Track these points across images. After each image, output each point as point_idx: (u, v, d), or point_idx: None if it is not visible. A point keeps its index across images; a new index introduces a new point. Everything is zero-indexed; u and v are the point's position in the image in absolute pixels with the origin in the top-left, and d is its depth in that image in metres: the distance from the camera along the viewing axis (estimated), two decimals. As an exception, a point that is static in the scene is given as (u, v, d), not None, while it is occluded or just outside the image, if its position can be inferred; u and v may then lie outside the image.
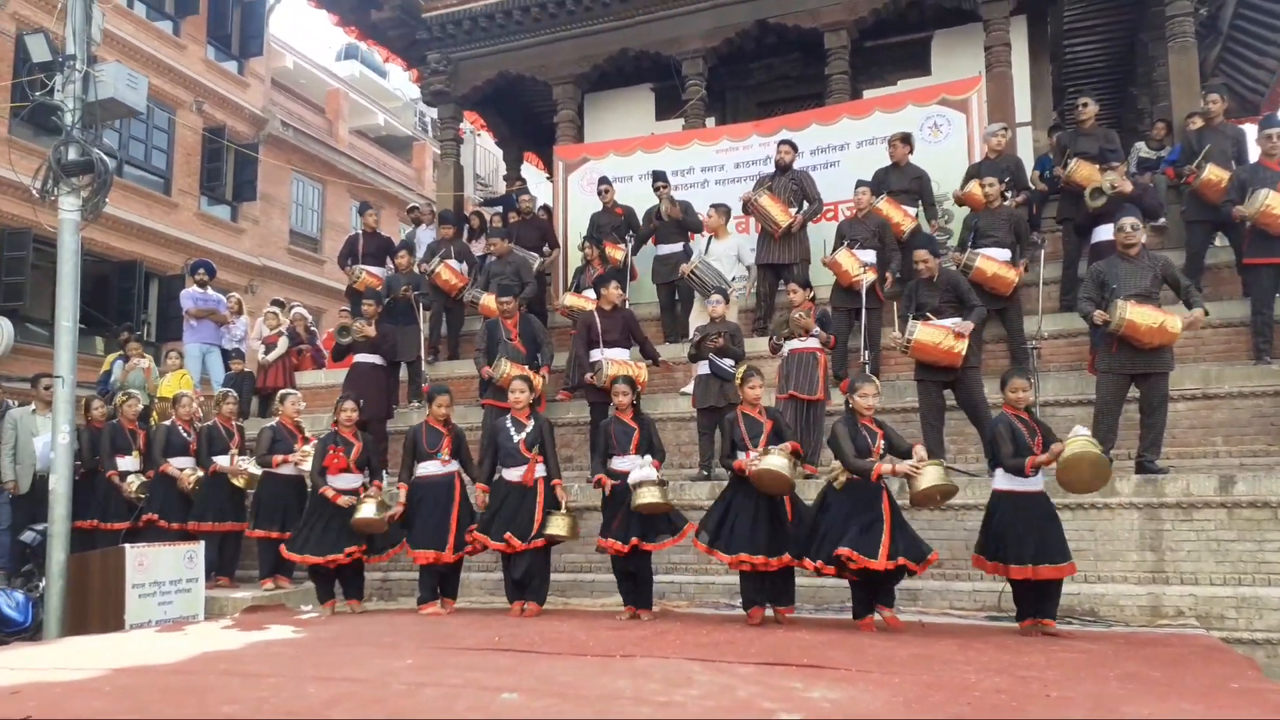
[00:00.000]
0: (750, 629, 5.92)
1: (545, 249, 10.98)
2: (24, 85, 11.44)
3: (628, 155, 11.25)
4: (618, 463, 6.61)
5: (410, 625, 6.41)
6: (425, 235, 12.68)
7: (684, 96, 11.35)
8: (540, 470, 6.85)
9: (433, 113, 21.07)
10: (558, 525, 6.62)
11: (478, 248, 11.46)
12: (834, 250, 8.45)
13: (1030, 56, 10.85)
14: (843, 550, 5.62)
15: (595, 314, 8.49)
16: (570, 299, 9.42)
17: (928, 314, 7.14)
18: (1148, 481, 6.45)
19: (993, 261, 7.71)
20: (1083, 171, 8.22)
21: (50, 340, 8.51)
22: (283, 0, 16.67)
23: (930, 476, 5.70)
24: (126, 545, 7.12)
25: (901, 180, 9.02)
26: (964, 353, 6.93)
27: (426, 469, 7.10)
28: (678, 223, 9.77)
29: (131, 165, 17.04)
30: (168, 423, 8.79)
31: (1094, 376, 7.02)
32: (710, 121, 11.63)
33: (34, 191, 7.60)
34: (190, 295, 11.25)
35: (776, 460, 5.92)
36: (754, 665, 4.65)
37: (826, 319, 7.84)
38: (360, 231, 11.57)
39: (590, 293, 9.16)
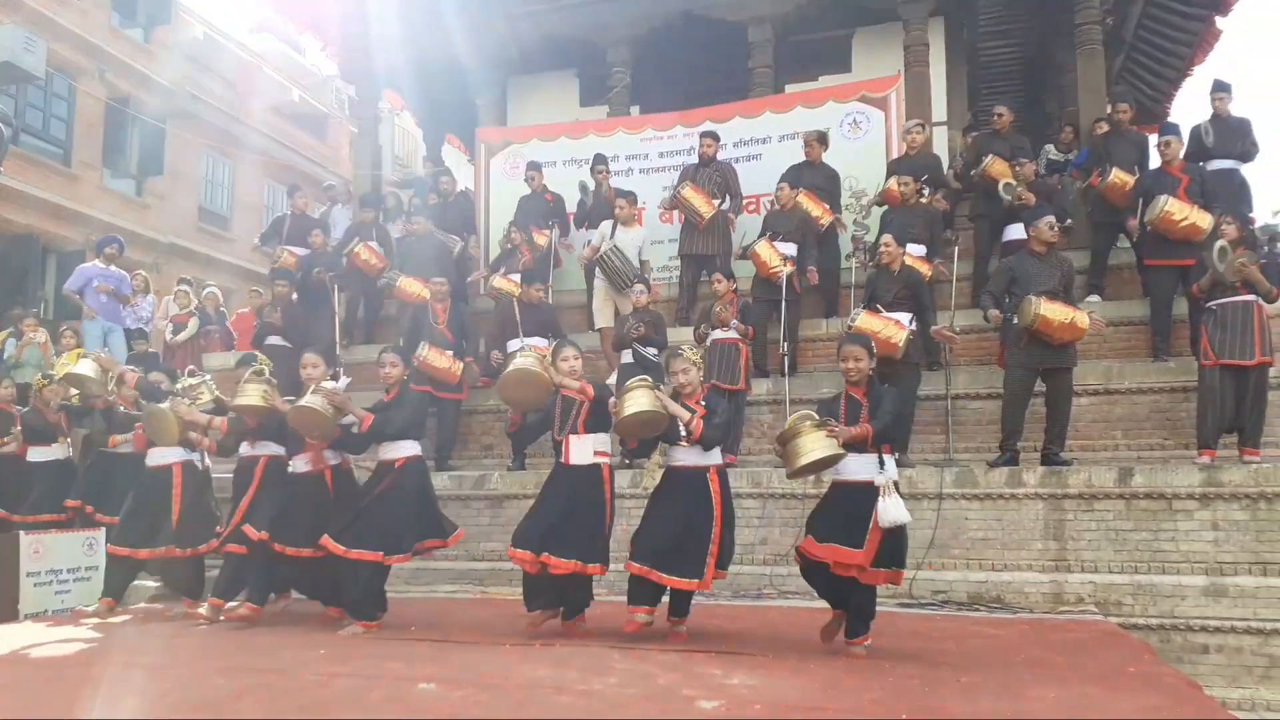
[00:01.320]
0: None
1: (465, 233, 10.82)
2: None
3: (551, 140, 11.15)
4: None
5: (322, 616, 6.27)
6: (341, 215, 12.38)
7: (609, 84, 11.30)
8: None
9: (350, 90, 20.59)
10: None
11: (394, 230, 11.23)
12: (754, 242, 8.53)
13: (947, 58, 11.09)
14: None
15: (515, 304, 8.41)
16: (499, 281, 9.30)
17: (878, 305, 7.22)
18: (1052, 473, 6.68)
19: (907, 256, 7.87)
20: (997, 167, 8.52)
21: (-63, 316, 8.06)
22: (193, -32, 15.92)
23: (634, 402, 5.02)
24: (21, 532, 6.79)
25: (815, 178, 9.14)
26: (901, 344, 6.95)
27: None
28: (611, 208, 9.72)
29: (29, 135, 16.18)
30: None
31: (1003, 370, 7.24)
32: (634, 110, 11.60)
33: (-81, 158, 7.15)
34: (92, 270, 10.75)
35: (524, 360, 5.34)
36: (673, 653, 4.68)
37: (747, 310, 7.90)
38: (288, 213, 11.25)
39: (518, 276, 9.08)
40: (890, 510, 4.56)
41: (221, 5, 40.24)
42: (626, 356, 7.94)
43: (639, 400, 4.99)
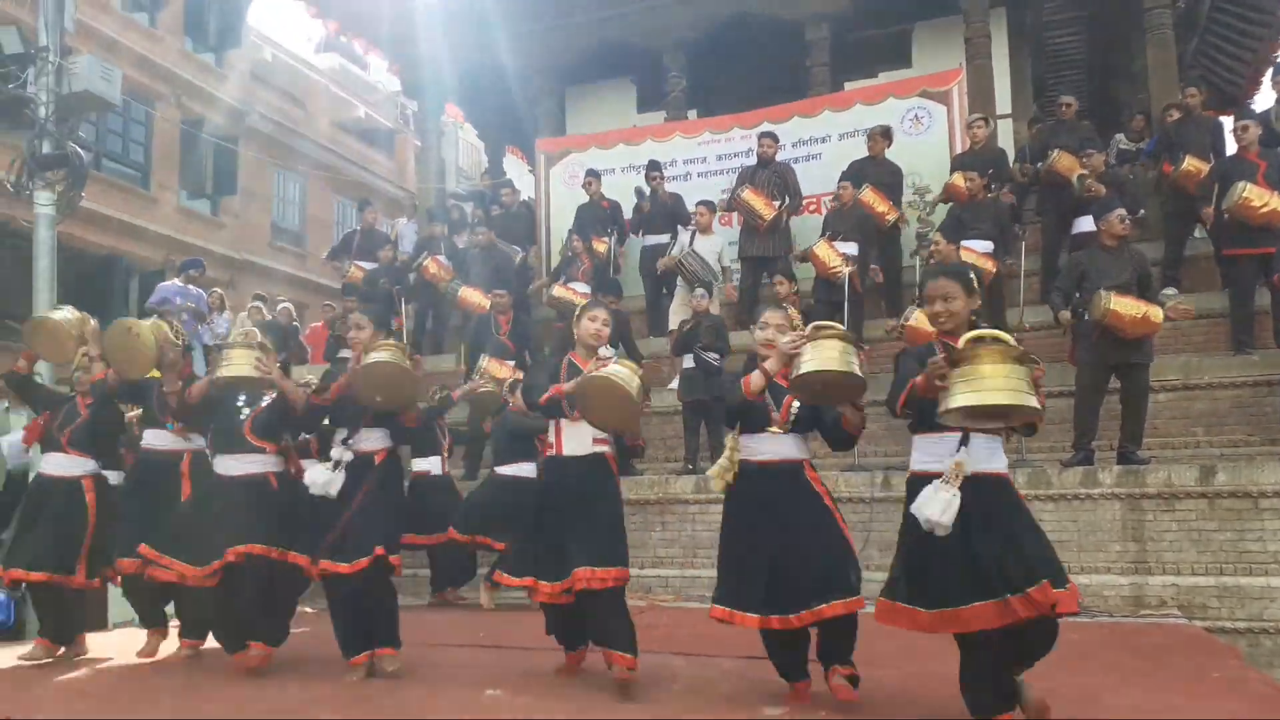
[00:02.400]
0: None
1: (527, 243, 10.95)
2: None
3: (609, 148, 11.20)
4: None
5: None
6: (407, 229, 12.62)
7: (665, 89, 11.32)
8: None
9: (414, 105, 21.00)
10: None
11: (459, 241, 11.41)
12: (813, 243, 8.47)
13: (1010, 49, 10.88)
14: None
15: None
16: (559, 291, 9.38)
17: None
18: (1129, 472, 6.48)
19: (972, 253, 7.72)
20: (1064, 162, 8.28)
21: (28, 337, 8.39)
22: (261, -8, 16.41)
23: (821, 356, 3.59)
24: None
25: (879, 174, 9.03)
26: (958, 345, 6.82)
27: None
28: (668, 213, 9.75)
29: (109, 159, 16.84)
30: None
31: (1075, 367, 7.05)
32: (692, 114, 11.60)
33: (7, 186, 7.49)
34: (170, 289, 11.11)
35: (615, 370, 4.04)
36: (739, 659, 4.65)
37: (809, 312, 7.81)
38: (358, 228, 11.53)
39: (579, 285, 9.15)
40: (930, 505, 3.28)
41: (288, 26, 41.32)
42: (688, 362, 7.93)
43: (829, 354, 3.56)
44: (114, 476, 5.40)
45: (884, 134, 9.14)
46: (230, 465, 4.66)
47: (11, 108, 7.20)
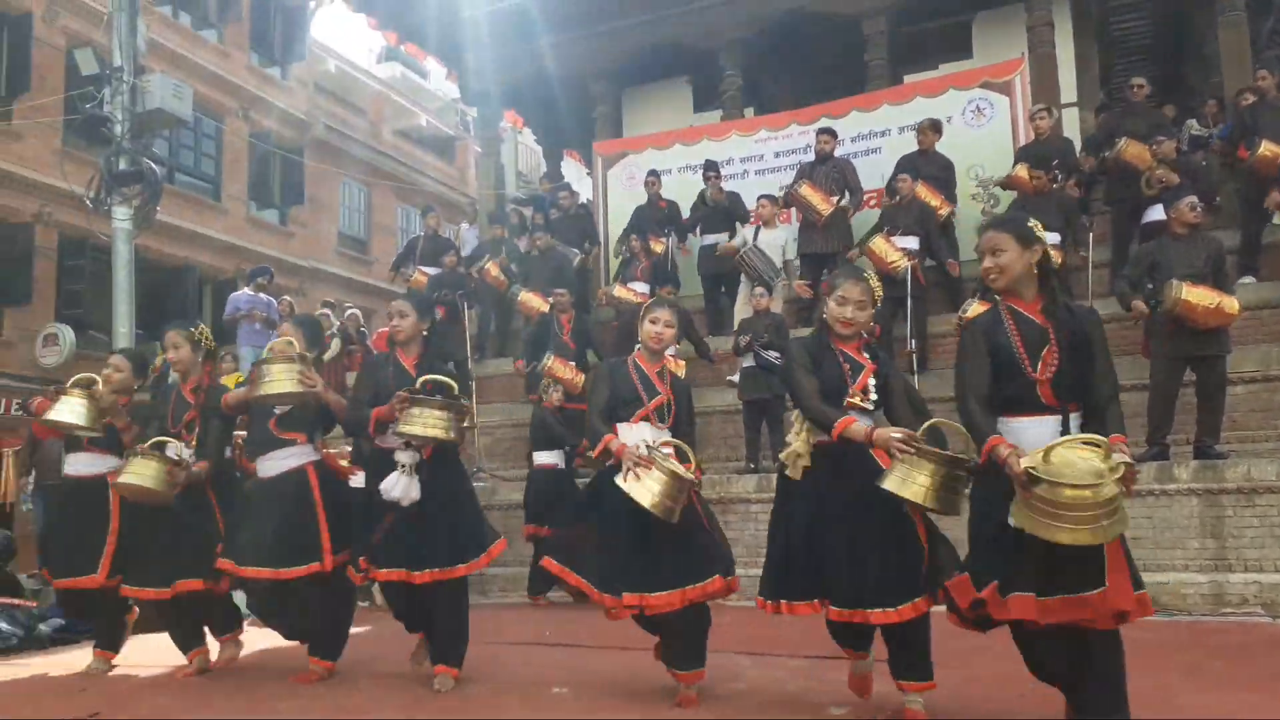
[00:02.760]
0: (802, 621, 5.85)
1: (586, 245, 11.03)
2: (74, 97, 11.82)
3: (665, 149, 11.23)
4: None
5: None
6: (469, 234, 12.79)
7: (721, 88, 11.30)
8: None
9: (474, 111, 21.28)
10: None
11: (519, 245, 11.54)
12: (869, 236, 8.38)
13: (1075, 35, 10.62)
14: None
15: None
16: (619, 291, 9.44)
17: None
18: (1207, 467, 6.29)
19: (1040, 246, 7.55)
20: (1132, 150, 8.04)
21: (110, 346, 8.72)
22: (323, 5, 16.80)
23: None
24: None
25: (930, 168, 8.89)
26: None
27: None
28: (725, 212, 9.75)
29: (182, 173, 17.39)
30: None
31: (1149, 360, 6.86)
32: (749, 112, 11.57)
33: (87, 202, 7.79)
34: (241, 298, 11.46)
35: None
36: (805, 659, 4.63)
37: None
38: (421, 234, 11.75)
39: (638, 285, 9.20)
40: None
41: (350, 37, 42.13)
42: (748, 360, 7.91)
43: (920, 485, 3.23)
44: None
45: (933, 127, 9.01)
46: (266, 467, 4.57)
47: (90, 126, 7.47)
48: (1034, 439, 2.95)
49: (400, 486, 4.11)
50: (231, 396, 4.69)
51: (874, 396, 3.54)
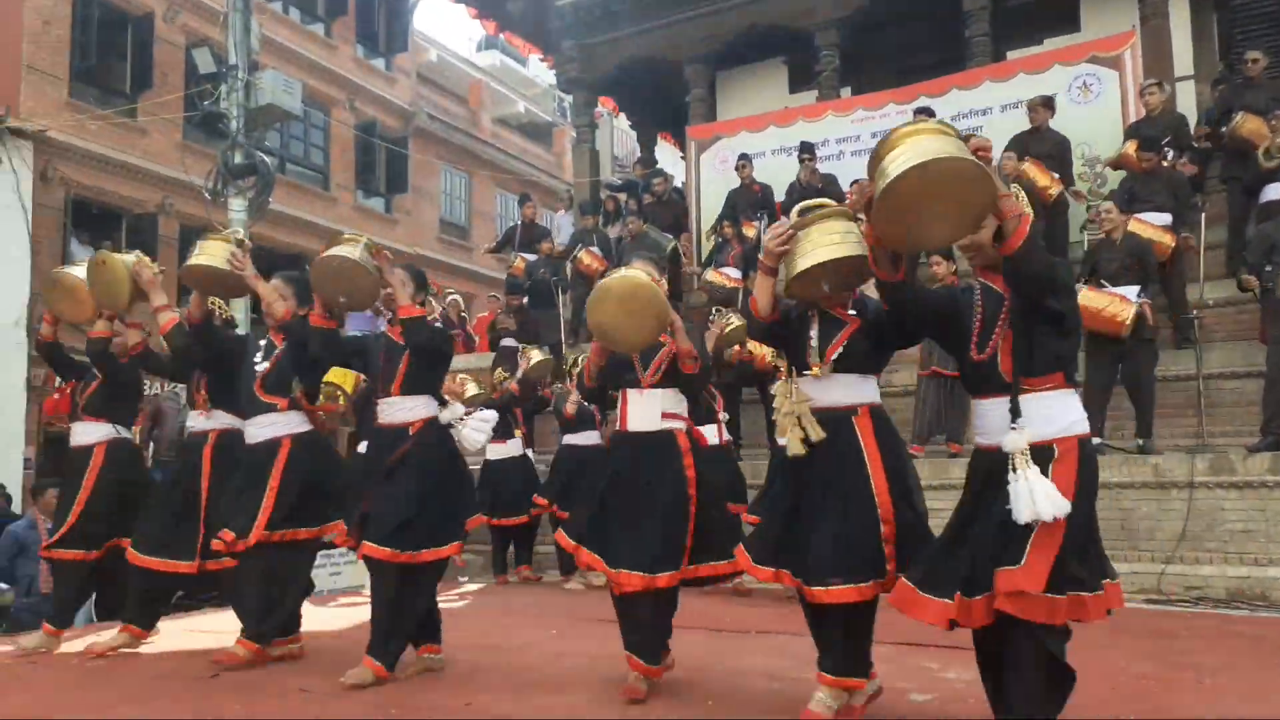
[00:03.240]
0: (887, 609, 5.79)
1: (679, 231, 11.07)
2: (193, 94, 12.49)
3: (760, 131, 11.16)
4: None
5: (552, 597, 6.64)
6: (565, 221, 13.00)
7: (817, 68, 11.14)
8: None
9: (570, 98, 21.54)
10: None
11: (613, 232, 11.66)
12: None
13: (1191, 5, 10.11)
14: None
15: (740, 295, 8.48)
16: (712, 275, 9.47)
17: (1103, 280, 6.77)
18: (1326, 458, 5.99)
19: (1147, 226, 7.27)
20: (1250, 125, 7.64)
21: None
22: (425, -3, 17.22)
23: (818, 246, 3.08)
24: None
25: (1042, 146, 8.59)
26: (1128, 322, 6.48)
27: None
28: (819, 194, 9.65)
29: (293, 164, 18.09)
30: None
31: (1265, 346, 6.55)
32: (845, 92, 11.38)
33: (205, 194, 8.22)
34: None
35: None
36: (889, 645, 4.61)
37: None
38: (519, 222, 12.01)
39: (731, 270, 9.21)
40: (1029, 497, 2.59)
41: (450, 27, 42.88)
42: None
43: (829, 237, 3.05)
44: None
45: (1045, 104, 8.71)
46: (250, 432, 4.39)
47: (207, 122, 7.86)
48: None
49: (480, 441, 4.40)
50: (192, 303, 4.56)
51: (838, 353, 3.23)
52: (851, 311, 3.28)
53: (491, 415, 4.88)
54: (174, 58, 15.37)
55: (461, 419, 4.30)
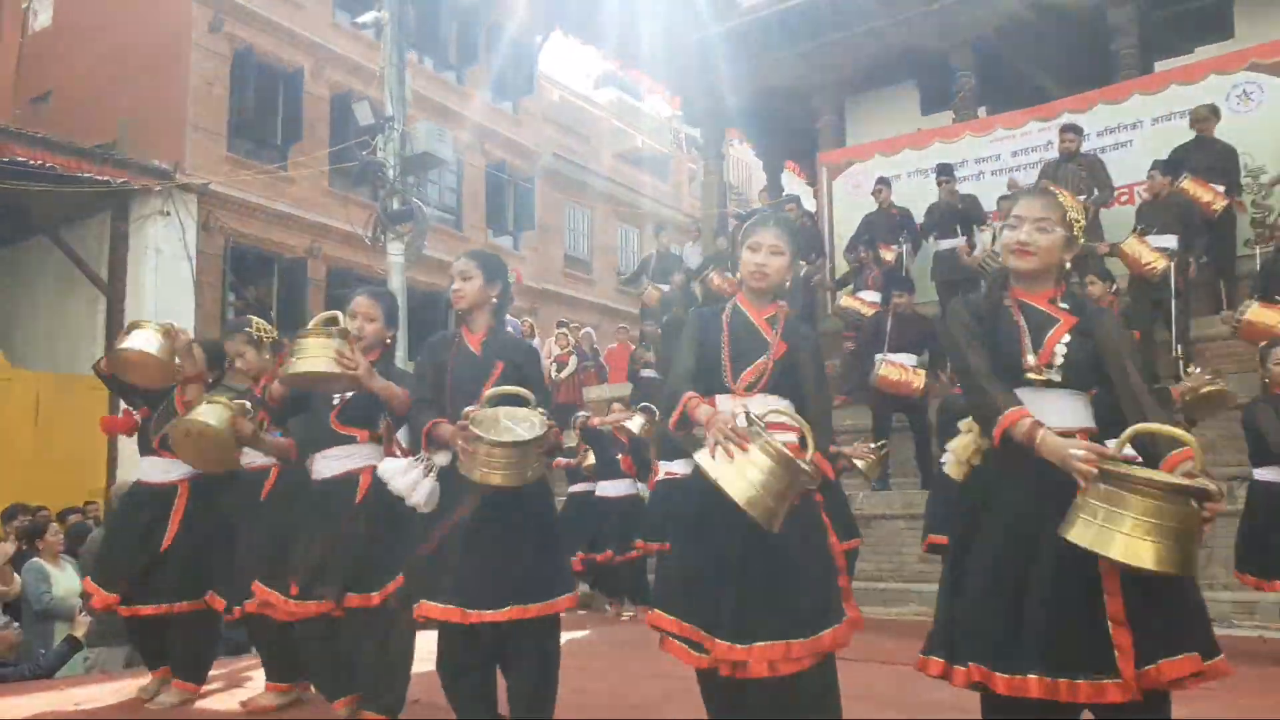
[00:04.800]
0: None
1: (812, 256, 11.05)
2: (344, 142, 13.23)
3: (894, 154, 11.08)
4: None
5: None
6: (692, 251, 13.15)
7: (953, 89, 11.02)
8: None
9: (688, 130, 21.81)
10: None
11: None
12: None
13: (1358, 3, 9.60)
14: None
15: (889, 317, 8.40)
16: (847, 300, 9.43)
17: (1278, 295, 6.46)
18: None
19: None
20: None
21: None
22: (549, 40, 17.72)
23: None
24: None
25: (1207, 157, 8.27)
26: None
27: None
28: (960, 215, 9.51)
29: (429, 206, 18.81)
30: None
31: None
32: (981, 112, 11.21)
33: (366, 240, 8.66)
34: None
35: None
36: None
37: (1128, 312, 7.36)
38: (654, 252, 12.28)
39: (868, 294, 9.14)
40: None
41: (569, 65, 43.99)
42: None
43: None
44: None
45: (1212, 112, 8.38)
46: (320, 466, 3.77)
47: (367, 172, 8.31)
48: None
49: (421, 487, 3.24)
50: (274, 388, 3.83)
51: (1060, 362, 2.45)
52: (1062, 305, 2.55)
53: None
54: (320, 110, 16.27)
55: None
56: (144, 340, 4.09)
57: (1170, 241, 7.74)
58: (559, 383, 12.06)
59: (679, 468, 6.70)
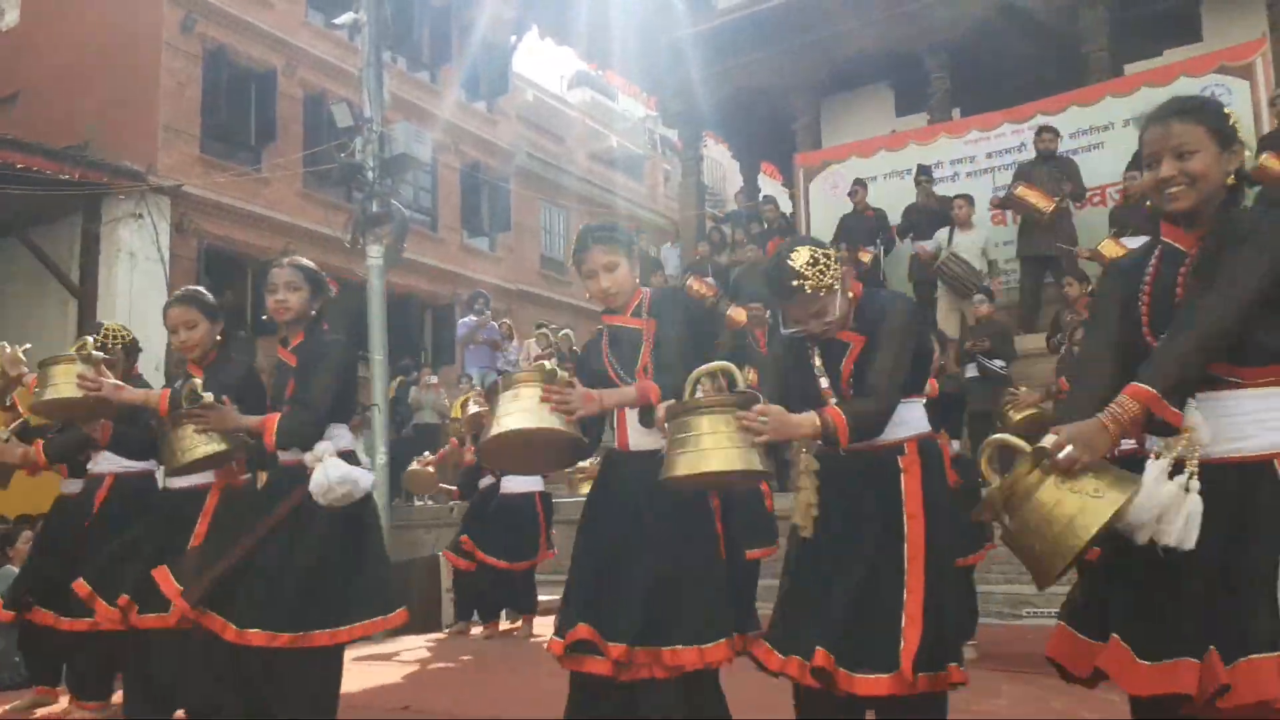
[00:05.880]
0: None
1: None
2: (318, 143, 13.12)
3: (870, 156, 11.15)
4: None
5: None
6: (671, 254, 13.18)
7: (928, 91, 11.12)
8: None
9: (660, 129, 21.88)
10: None
11: (721, 260, 11.76)
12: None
13: (1323, 8, 9.78)
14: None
15: None
16: None
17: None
18: None
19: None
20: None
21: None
22: (523, 39, 17.65)
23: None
24: (441, 553, 7.73)
25: None
26: None
27: None
28: (938, 216, 9.61)
29: (404, 207, 18.72)
30: None
31: None
32: (955, 113, 11.32)
33: (345, 243, 8.61)
34: (471, 323, 12.26)
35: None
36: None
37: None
38: None
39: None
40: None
41: (541, 66, 43.92)
42: (971, 370, 7.77)
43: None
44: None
45: None
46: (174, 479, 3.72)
47: (345, 174, 8.26)
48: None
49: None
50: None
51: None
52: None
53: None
54: (293, 111, 16.13)
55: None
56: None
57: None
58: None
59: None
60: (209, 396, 3.24)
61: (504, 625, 7.07)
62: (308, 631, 3.08)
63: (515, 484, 6.66)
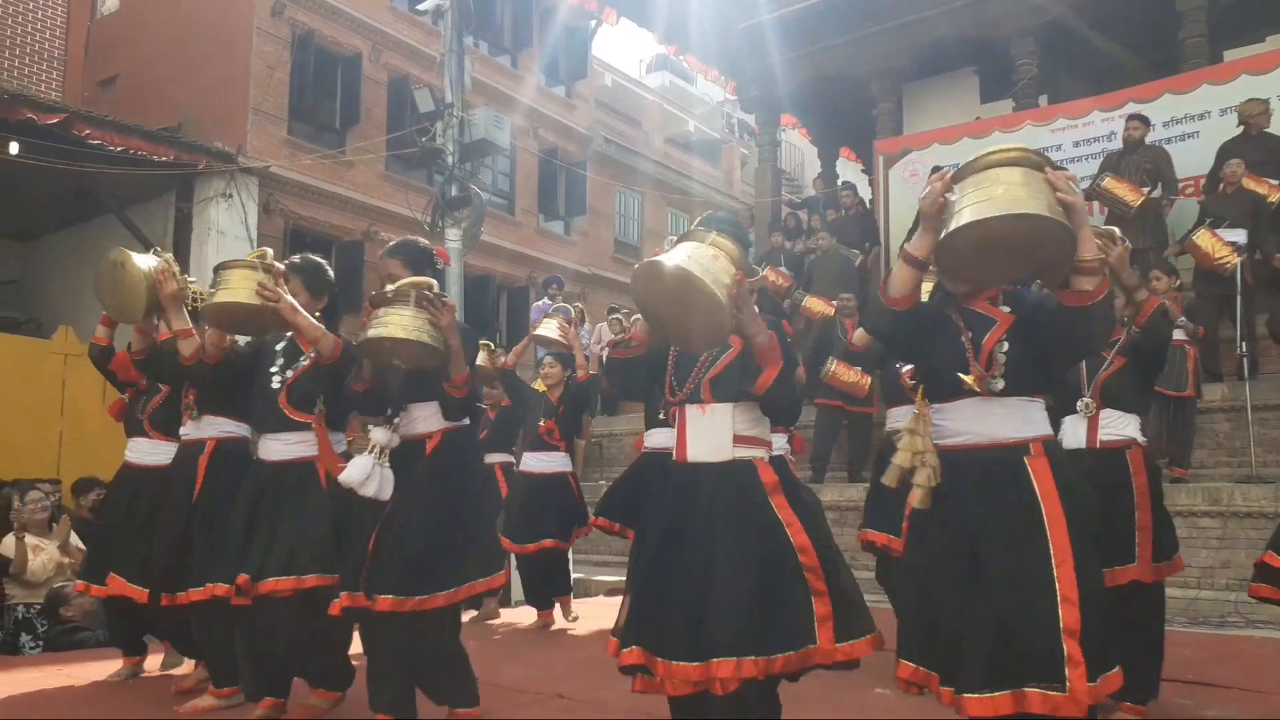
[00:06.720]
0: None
1: (866, 245, 10.97)
2: (401, 127, 13.36)
3: (953, 143, 10.92)
4: None
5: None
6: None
7: (1013, 77, 10.84)
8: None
9: (742, 115, 21.70)
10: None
11: (796, 248, 11.67)
12: (1192, 231, 7.76)
13: None
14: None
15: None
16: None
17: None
18: None
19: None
20: None
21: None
22: (602, 24, 17.71)
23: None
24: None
25: (1257, 152, 8.07)
26: None
27: None
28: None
29: (483, 191, 18.97)
30: None
31: None
32: (1042, 100, 11.02)
33: (424, 226, 8.79)
34: (545, 306, 12.39)
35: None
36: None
37: (1193, 308, 7.23)
38: None
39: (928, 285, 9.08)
40: None
41: (620, 50, 43.96)
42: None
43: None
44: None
45: (1263, 108, 8.18)
46: (271, 448, 3.67)
47: (426, 158, 8.42)
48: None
49: (360, 478, 3.23)
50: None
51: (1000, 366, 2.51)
52: (1005, 308, 2.61)
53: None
54: (377, 95, 16.45)
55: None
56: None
57: (1240, 236, 7.58)
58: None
59: (660, 439, 5.18)
60: (451, 300, 3.29)
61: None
62: (430, 594, 3.22)
63: (538, 464, 6.37)
